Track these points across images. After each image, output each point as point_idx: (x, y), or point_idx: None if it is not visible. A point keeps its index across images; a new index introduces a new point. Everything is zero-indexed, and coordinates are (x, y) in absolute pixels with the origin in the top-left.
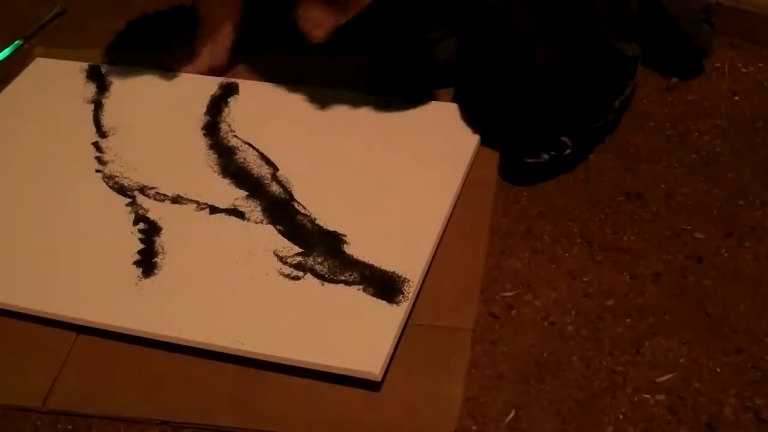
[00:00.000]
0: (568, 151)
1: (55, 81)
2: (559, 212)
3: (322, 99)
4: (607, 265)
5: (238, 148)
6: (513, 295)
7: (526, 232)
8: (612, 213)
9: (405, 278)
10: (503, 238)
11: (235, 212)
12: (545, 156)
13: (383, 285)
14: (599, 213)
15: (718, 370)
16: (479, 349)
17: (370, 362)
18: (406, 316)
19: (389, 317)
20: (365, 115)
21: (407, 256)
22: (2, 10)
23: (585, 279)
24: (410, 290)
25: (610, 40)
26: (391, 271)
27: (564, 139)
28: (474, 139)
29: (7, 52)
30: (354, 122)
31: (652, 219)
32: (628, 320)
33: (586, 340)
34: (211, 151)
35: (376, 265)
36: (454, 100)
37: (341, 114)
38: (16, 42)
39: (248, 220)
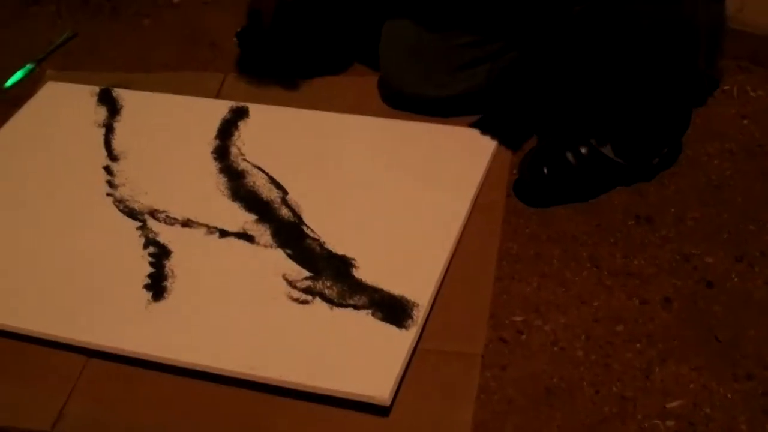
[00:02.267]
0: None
1: (67, 104)
2: (568, 236)
3: (331, 123)
4: (617, 290)
5: (248, 171)
6: (522, 320)
7: (535, 257)
8: (621, 237)
9: (414, 303)
10: (512, 263)
11: (245, 236)
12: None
13: (392, 309)
14: (609, 237)
15: (729, 396)
16: (488, 374)
17: (379, 387)
18: (415, 340)
19: (398, 342)
20: (374, 138)
21: (416, 280)
22: (14, 34)
23: (594, 304)
24: (419, 315)
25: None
26: (400, 295)
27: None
28: (483, 164)
29: (18, 75)
30: (363, 146)
31: (662, 243)
32: (638, 345)
33: (595, 366)
34: (221, 175)
35: (384, 290)
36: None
37: (350, 138)
38: (28, 65)
39: (258, 243)
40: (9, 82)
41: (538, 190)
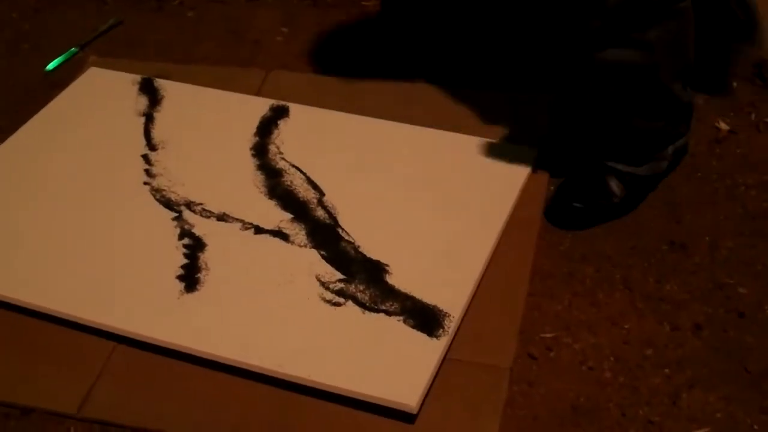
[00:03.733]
0: (616, 200)
1: (108, 91)
2: (602, 257)
3: (372, 128)
4: (648, 314)
5: (285, 170)
6: (552, 337)
7: (568, 275)
8: (655, 261)
9: (446, 313)
10: (545, 280)
11: (280, 234)
12: (593, 202)
13: (424, 317)
14: (642, 261)
15: (756, 427)
16: (516, 389)
17: (408, 394)
18: (446, 350)
19: (429, 350)
20: (414, 147)
21: (449, 290)
22: (59, 18)
23: (625, 326)
24: (451, 325)
25: (666, 80)
26: (433, 304)
27: (612, 185)
28: (521, 179)
29: (61, 59)
30: (402, 153)
31: (695, 270)
32: (667, 371)
33: (623, 388)
34: (258, 172)
35: (417, 297)
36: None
37: (391, 144)
38: (72, 49)
39: (292, 242)
40: (51, 65)
41: (572, 222)
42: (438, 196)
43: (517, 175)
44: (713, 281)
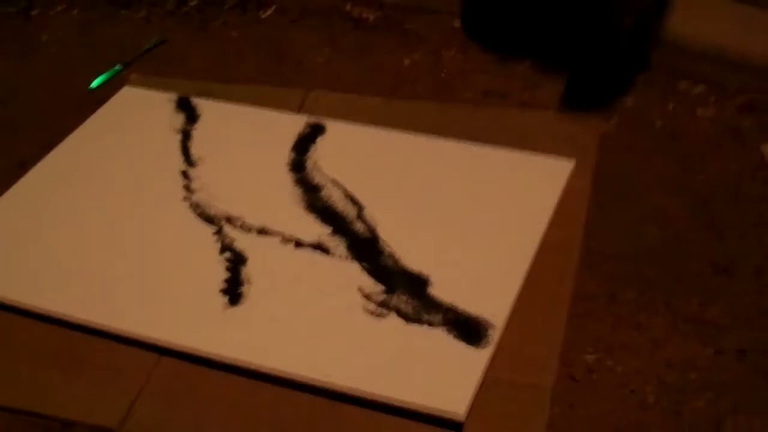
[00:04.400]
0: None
1: (143, 109)
2: (644, 280)
3: (408, 143)
4: (692, 337)
5: (323, 185)
6: (594, 359)
7: (610, 297)
8: (699, 285)
9: (489, 322)
10: (586, 301)
11: (320, 247)
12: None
13: (467, 328)
14: (685, 284)
15: None
16: (557, 411)
17: (455, 402)
18: (489, 360)
19: (473, 360)
20: (451, 161)
21: (491, 301)
22: (104, 36)
23: (668, 349)
24: (494, 334)
25: None
26: (475, 314)
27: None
28: (557, 190)
29: (105, 76)
30: (440, 167)
31: (740, 294)
32: (710, 395)
33: (666, 412)
34: (297, 186)
35: (459, 308)
36: None
37: (427, 159)
38: (116, 67)
39: (333, 255)
40: (95, 83)
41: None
42: (476, 209)
43: (554, 186)
44: (758, 306)
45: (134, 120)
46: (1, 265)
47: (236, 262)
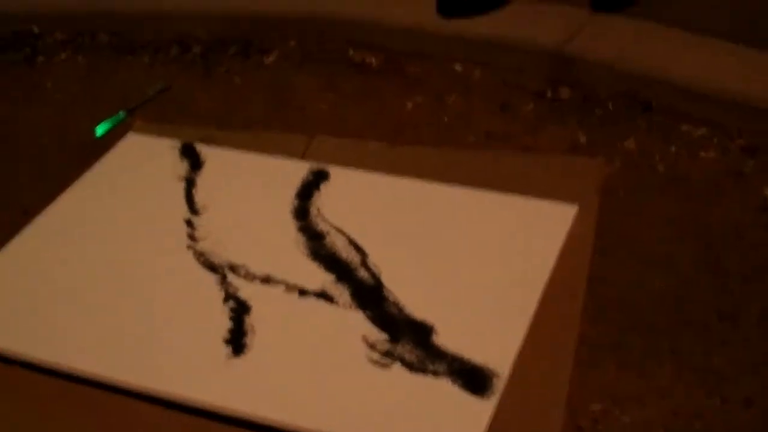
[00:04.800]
0: None
1: (148, 157)
2: (649, 327)
3: (412, 189)
4: (697, 386)
5: (327, 232)
6: (600, 409)
7: (616, 345)
8: (704, 332)
9: (494, 372)
10: (591, 350)
11: (324, 296)
12: None
13: (472, 377)
14: (691, 331)
15: None
16: None
17: None
18: (495, 410)
19: (478, 410)
20: (455, 207)
21: (495, 349)
22: (108, 82)
23: (674, 398)
24: (499, 384)
25: None
26: (480, 364)
27: None
28: (561, 236)
29: (109, 123)
30: (443, 214)
31: (745, 342)
32: None
33: None
34: (300, 234)
35: (464, 358)
36: None
37: (431, 205)
38: (120, 113)
39: (337, 304)
40: (100, 130)
41: None
42: (480, 256)
43: (557, 233)
44: (763, 353)
45: (138, 167)
46: (4, 315)
47: (240, 311)
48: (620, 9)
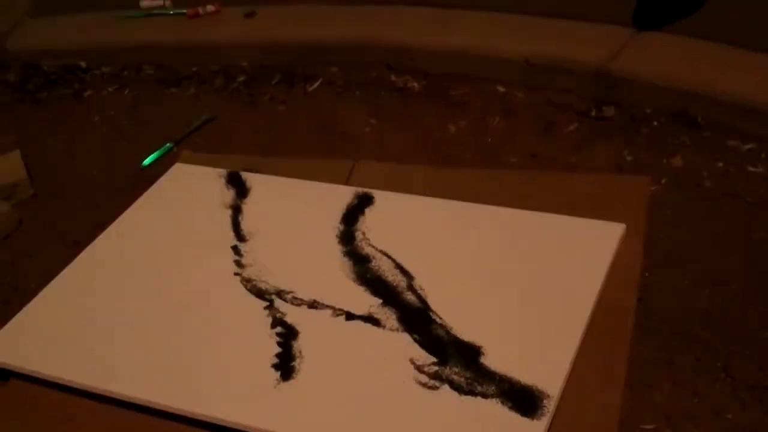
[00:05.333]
0: None
1: (195, 186)
2: (701, 345)
3: (456, 211)
4: (752, 403)
5: (373, 256)
6: (653, 428)
7: (667, 363)
8: (757, 349)
9: (544, 392)
10: (643, 368)
11: (371, 319)
12: None
13: (522, 399)
14: (743, 348)
15: None
16: None
17: None
18: (546, 430)
19: (529, 431)
20: (500, 227)
21: (545, 370)
22: (154, 114)
23: (728, 416)
24: (550, 405)
25: None
26: (530, 384)
27: None
28: (608, 255)
29: (157, 154)
30: (489, 234)
31: None
32: None
33: None
34: (346, 258)
35: (514, 379)
36: None
37: (476, 226)
38: (167, 145)
39: (384, 327)
40: (147, 161)
41: None
42: (527, 276)
43: (605, 251)
44: None
45: (186, 197)
46: (56, 345)
47: (288, 336)
48: (663, 26)
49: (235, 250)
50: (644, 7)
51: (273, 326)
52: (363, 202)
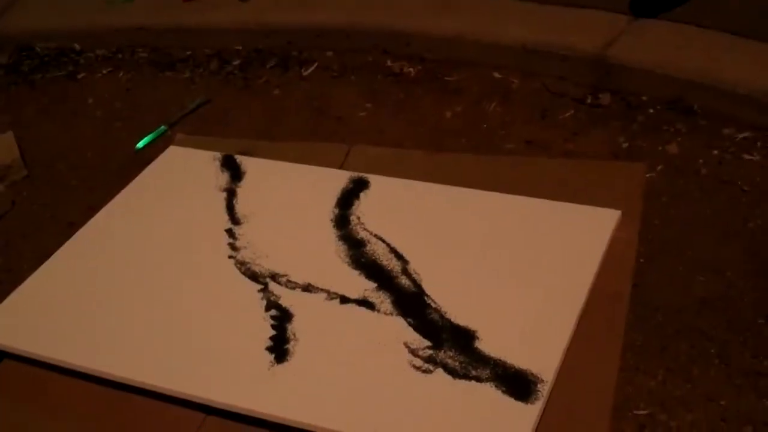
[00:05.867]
0: None
1: (189, 169)
2: (696, 332)
3: (451, 196)
4: (746, 390)
5: (367, 240)
6: (646, 414)
7: (662, 350)
8: (752, 336)
9: (538, 377)
10: (637, 354)
11: (366, 303)
12: None
13: (516, 383)
14: (738, 335)
15: None
16: None
17: None
18: (540, 415)
19: (523, 416)
20: (495, 212)
21: (539, 354)
22: (148, 97)
23: (722, 402)
24: (544, 389)
25: None
26: (524, 368)
27: None
28: (603, 241)
29: (151, 136)
30: (484, 220)
31: None
32: None
33: None
34: (340, 242)
35: (508, 363)
36: None
37: (471, 211)
38: (161, 127)
39: (378, 311)
40: (141, 144)
41: None
42: (522, 261)
43: (600, 238)
44: None
45: (180, 179)
46: (49, 325)
47: (282, 319)
48: (659, 14)
49: (230, 233)
50: None
51: (267, 309)
52: (358, 187)
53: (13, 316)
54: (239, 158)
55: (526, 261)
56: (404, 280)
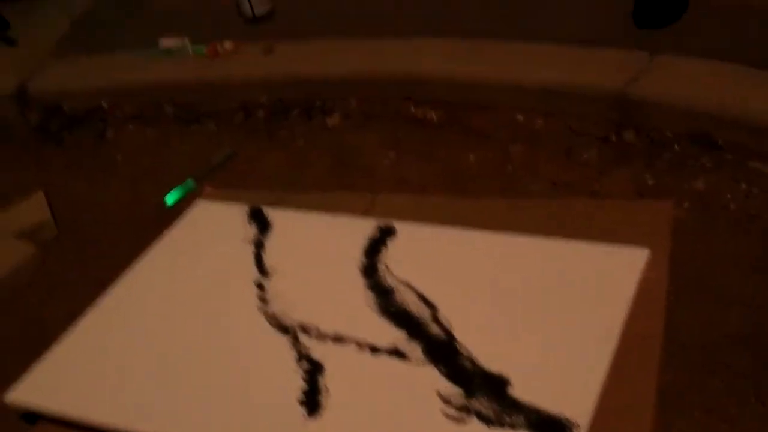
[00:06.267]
0: None
1: (217, 222)
2: (730, 369)
3: (479, 241)
4: None
5: (396, 288)
6: None
7: (697, 390)
8: None
9: (574, 423)
10: (672, 395)
11: (396, 353)
12: None
13: (551, 429)
14: None
15: None
16: None
17: None
18: None
19: None
20: (523, 256)
21: (574, 400)
22: (176, 151)
23: None
24: None
25: None
26: (558, 415)
27: None
28: (633, 281)
29: (178, 191)
30: (512, 264)
31: None
32: None
33: None
34: (369, 291)
35: (542, 409)
36: None
37: (499, 256)
38: (188, 181)
39: (409, 360)
40: (170, 199)
41: None
42: (552, 304)
43: (630, 278)
44: None
45: (208, 233)
46: (83, 386)
47: (313, 371)
48: (664, 25)
49: (259, 285)
50: (643, 5)
51: (298, 361)
52: (384, 234)
53: (47, 378)
54: (266, 210)
55: (557, 304)
56: (434, 328)
